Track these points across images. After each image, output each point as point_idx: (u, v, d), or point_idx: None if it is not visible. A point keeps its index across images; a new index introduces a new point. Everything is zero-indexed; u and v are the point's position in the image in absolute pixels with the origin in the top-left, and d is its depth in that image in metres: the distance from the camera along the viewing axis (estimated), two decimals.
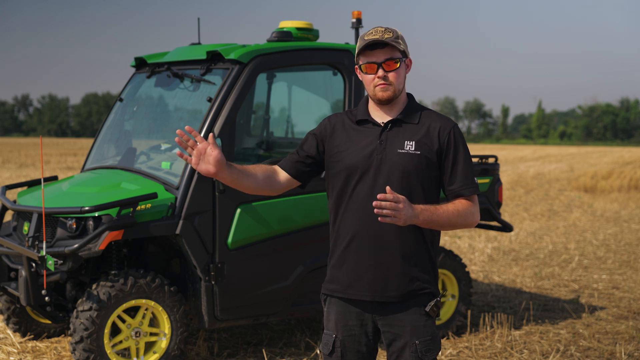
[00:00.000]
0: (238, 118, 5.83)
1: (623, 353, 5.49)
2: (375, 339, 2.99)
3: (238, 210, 4.90)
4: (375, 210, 2.66)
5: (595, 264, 9.33)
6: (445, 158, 2.91)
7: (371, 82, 2.90)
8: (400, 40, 2.89)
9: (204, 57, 5.15)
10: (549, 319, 6.55)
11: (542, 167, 29.68)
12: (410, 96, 3.01)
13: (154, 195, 4.71)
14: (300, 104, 6.95)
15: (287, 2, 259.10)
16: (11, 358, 5.21)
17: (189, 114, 5.50)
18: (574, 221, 13.54)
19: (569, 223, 13.30)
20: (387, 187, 2.67)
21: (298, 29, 5.51)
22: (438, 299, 2.94)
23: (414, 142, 2.88)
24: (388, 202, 2.66)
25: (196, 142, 2.77)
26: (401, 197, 2.71)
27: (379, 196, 2.66)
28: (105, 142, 5.88)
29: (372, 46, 2.86)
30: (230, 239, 4.89)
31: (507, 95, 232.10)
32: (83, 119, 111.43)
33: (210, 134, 2.78)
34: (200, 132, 4.84)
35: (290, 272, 5.14)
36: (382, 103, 2.92)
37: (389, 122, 2.92)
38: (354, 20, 5.70)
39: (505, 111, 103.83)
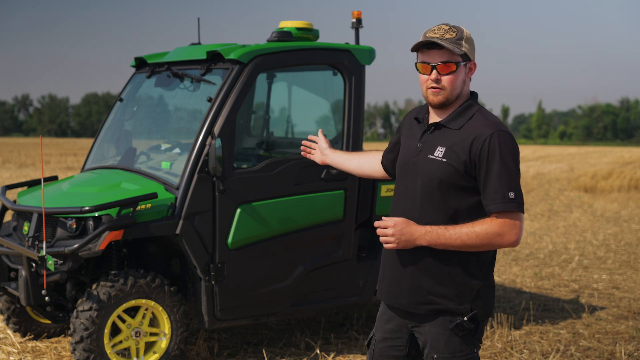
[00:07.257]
0: (238, 118, 5.83)
1: (623, 353, 5.49)
2: (412, 344, 2.91)
3: (238, 210, 4.90)
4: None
5: (595, 264, 9.33)
6: (479, 171, 2.66)
7: (424, 83, 2.77)
8: (463, 42, 2.70)
9: (204, 57, 5.15)
10: (549, 319, 6.54)
11: (542, 167, 29.67)
12: (470, 98, 2.82)
13: (154, 195, 4.71)
14: (300, 104, 6.94)
15: (287, 2, 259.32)
16: (11, 358, 5.21)
17: (189, 114, 5.51)
18: (574, 221, 13.54)
19: (569, 223, 13.29)
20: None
21: (298, 29, 5.51)
22: (464, 319, 2.72)
23: (445, 149, 2.71)
24: (380, 229, 2.68)
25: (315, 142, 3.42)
26: (393, 221, 2.67)
27: (375, 224, 2.72)
28: (105, 142, 5.88)
29: (429, 45, 2.70)
30: (230, 239, 4.89)
31: (507, 95, 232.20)
32: (83, 119, 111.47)
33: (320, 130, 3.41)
34: (200, 132, 4.86)
35: (290, 272, 5.14)
36: (433, 107, 2.80)
37: (431, 124, 2.81)
38: (354, 20, 5.69)
39: (505, 111, 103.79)
